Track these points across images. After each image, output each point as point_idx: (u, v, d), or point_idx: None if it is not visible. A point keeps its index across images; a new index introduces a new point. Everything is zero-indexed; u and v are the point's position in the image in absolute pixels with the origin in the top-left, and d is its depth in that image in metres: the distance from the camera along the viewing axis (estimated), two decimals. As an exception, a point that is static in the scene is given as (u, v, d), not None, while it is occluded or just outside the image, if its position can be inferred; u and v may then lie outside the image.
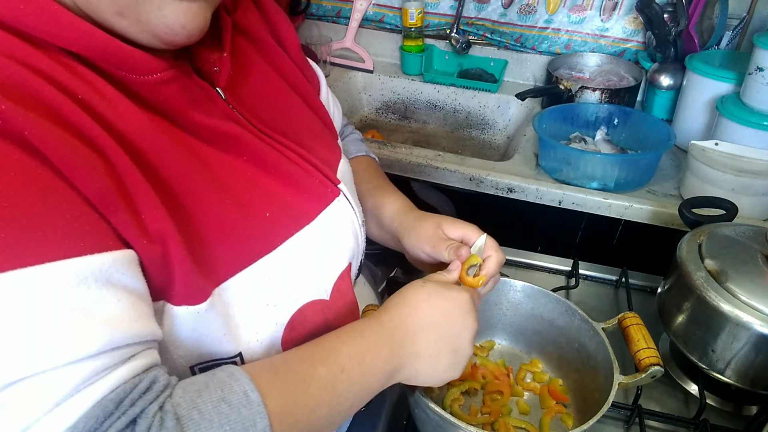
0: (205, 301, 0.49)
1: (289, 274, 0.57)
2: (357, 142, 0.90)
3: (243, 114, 0.57)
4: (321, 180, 0.63)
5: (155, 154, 0.47)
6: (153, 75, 0.48)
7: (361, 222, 0.69)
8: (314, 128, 0.68)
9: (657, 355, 0.63)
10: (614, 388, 0.60)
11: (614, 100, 1.37)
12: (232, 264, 0.52)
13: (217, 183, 0.52)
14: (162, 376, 0.44)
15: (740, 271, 0.70)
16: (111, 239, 0.43)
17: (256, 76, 0.63)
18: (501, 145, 1.58)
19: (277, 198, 0.58)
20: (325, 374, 0.50)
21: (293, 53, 0.70)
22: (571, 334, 0.71)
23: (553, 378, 0.74)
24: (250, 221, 0.54)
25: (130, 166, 0.44)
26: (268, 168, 0.58)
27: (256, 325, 0.55)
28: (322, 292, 0.61)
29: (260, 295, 0.55)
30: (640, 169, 1.16)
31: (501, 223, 1.17)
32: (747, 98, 1.11)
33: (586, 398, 0.66)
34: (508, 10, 1.55)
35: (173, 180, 0.48)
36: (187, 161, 0.50)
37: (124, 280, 0.43)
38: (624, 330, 0.66)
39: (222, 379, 0.45)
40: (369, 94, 1.71)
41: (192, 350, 0.52)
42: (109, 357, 0.41)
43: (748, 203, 1.04)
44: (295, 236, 0.58)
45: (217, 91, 0.56)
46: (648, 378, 0.62)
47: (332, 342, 0.53)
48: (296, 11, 1.64)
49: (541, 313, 0.74)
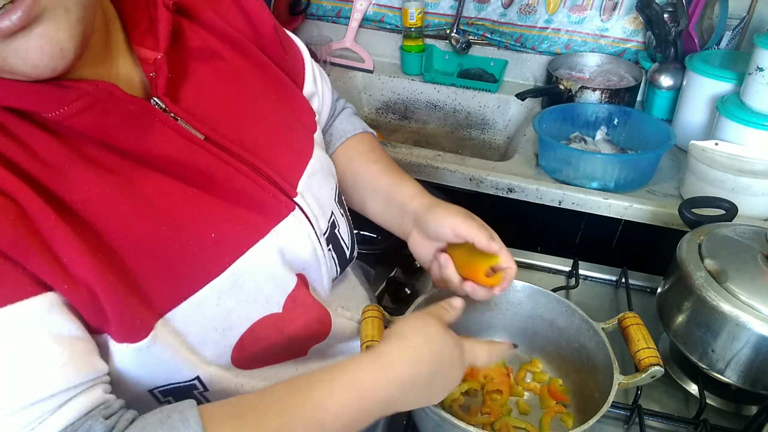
0: (146, 337, 0.48)
1: (239, 294, 0.54)
2: (352, 117, 0.84)
3: (188, 122, 0.53)
4: (274, 194, 0.58)
5: (77, 190, 0.45)
6: (61, 109, 0.44)
7: (323, 231, 0.64)
8: (279, 130, 0.63)
9: (657, 355, 0.62)
10: (614, 388, 0.60)
11: (614, 100, 1.37)
12: (174, 293, 0.50)
13: (151, 210, 0.49)
14: (98, 425, 0.42)
15: (740, 271, 0.70)
16: (29, 285, 0.41)
17: (207, 77, 0.57)
18: (501, 145, 1.58)
19: (224, 216, 0.54)
20: (302, 427, 0.46)
21: (267, 38, 0.65)
22: (571, 334, 0.71)
23: (553, 378, 0.74)
24: (191, 246, 0.50)
25: (43, 210, 0.42)
26: (214, 184, 0.53)
27: (204, 349, 0.53)
28: (274, 306, 0.59)
29: (208, 320, 0.53)
30: (640, 169, 1.16)
31: (501, 223, 1.17)
32: (747, 98, 1.11)
33: (586, 398, 0.66)
34: (508, 10, 1.55)
35: (99, 215, 0.46)
36: (115, 192, 0.47)
37: (46, 326, 0.42)
38: (624, 330, 0.66)
39: (173, 425, 0.42)
40: (369, 94, 1.71)
41: (145, 379, 0.51)
42: (33, 411, 0.40)
43: (748, 203, 1.04)
44: (245, 255, 0.54)
45: (155, 101, 0.51)
46: (648, 378, 0.62)
47: (322, 396, 0.48)
48: (296, 11, 1.64)
49: (541, 313, 0.74)
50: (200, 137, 0.53)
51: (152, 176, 0.50)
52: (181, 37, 0.56)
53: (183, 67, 0.55)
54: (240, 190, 0.55)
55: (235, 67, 0.61)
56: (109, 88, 0.46)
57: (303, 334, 0.63)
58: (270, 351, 0.61)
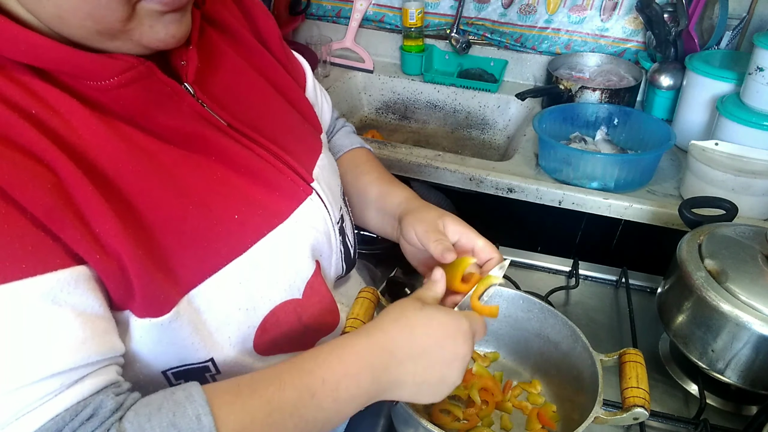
0: (169, 312, 0.48)
1: (261, 275, 0.56)
2: (351, 135, 0.88)
3: (213, 109, 0.56)
4: (293, 178, 0.61)
5: (111, 165, 0.46)
6: (110, 80, 0.47)
7: (336, 220, 0.67)
8: (291, 123, 0.67)
9: (645, 397, 0.59)
10: (587, 420, 0.58)
11: (614, 100, 1.37)
12: (199, 270, 0.51)
13: (179, 188, 0.51)
14: (109, 401, 0.43)
15: (740, 271, 0.70)
16: (58, 257, 0.42)
17: (229, 70, 0.61)
18: (501, 145, 1.58)
19: (246, 198, 0.56)
20: (293, 399, 0.47)
21: (273, 46, 0.69)
22: (572, 360, 0.69)
23: (548, 403, 0.72)
24: (216, 225, 0.53)
25: (81, 180, 0.43)
26: (237, 167, 0.56)
27: (227, 330, 0.54)
28: (295, 291, 0.60)
29: (232, 299, 0.54)
30: (640, 169, 1.16)
31: (501, 223, 1.17)
32: (747, 98, 1.11)
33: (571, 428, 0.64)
34: (508, 10, 1.55)
35: (131, 190, 0.47)
36: (146, 169, 0.49)
37: (72, 300, 0.42)
38: (621, 365, 0.64)
39: (178, 401, 0.43)
40: (369, 94, 1.71)
41: (160, 358, 0.51)
42: (51, 383, 0.41)
43: (748, 203, 1.04)
44: (266, 237, 0.57)
45: (186, 87, 0.54)
46: (630, 419, 0.59)
47: (308, 363, 0.50)
48: (296, 11, 1.64)
49: (548, 334, 0.72)
50: (224, 123, 0.56)
51: (180, 156, 0.52)
52: (206, 36, 0.60)
53: (208, 61, 0.59)
54: (261, 173, 0.58)
55: (252, 66, 0.64)
56: (151, 66, 0.49)
57: (316, 324, 0.65)
58: (287, 337, 0.62)
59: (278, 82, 0.67)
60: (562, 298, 0.93)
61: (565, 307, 0.92)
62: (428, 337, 0.53)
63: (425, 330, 0.53)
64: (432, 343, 0.53)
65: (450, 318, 0.54)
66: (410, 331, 0.53)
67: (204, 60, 0.57)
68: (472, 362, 0.75)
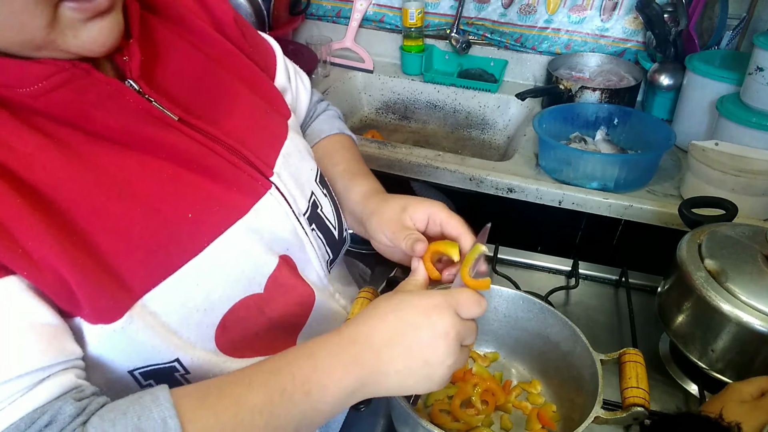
0: (121, 318, 0.48)
1: (219, 274, 0.55)
2: (332, 119, 0.84)
3: (162, 104, 0.53)
4: (250, 173, 0.59)
5: (45, 176, 0.45)
6: (37, 85, 0.45)
7: (302, 212, 0.65)
8: (251, 111, 0.64)
9: (645, 396, 0.59)
10: (588, 420, 0.58)
11: (614, 100, 1.37)
12: (150, 275, 0.50)
13: (123, 192, 0.49)
14: (69, 406, 0.42)
15: (740, 271, 0.70)
16: None
17: (179, 61, 0.58)
18: (501, 145, 1.58)
19: (200, 196, 0.54)
20: (261, 398, 0.46)
21: (229, 30, 0.66)
22: (572, 360, 0.69)
23: (548, 403, 0.72)
24: (166, 227, 0.51)
25: (7, 195, 0.43)
26: (189, 164, 0.54)
27: (187, 331, 0.54)
28: (255, 286, 0.59)
29: (189, 301, 0.53)
30: (640, 169, 1.16)
31: (501, 223, 1.17)
32: (747, 98, 1.11)
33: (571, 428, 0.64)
34: (508, 10, 1.55)
35: (67, 198, 0.46)
36: (84, 175, 0.47)
37: (9, 307, 0.42)
38: (621, 365, 0.64)
39: (144, 405, 0.43)
40: (369, 94, 1.71)
41: (123, 360, 0.51)
42: (1, 391, 0.40)
43: (748, 203, 1.04)
44: (224, 234, 0.55)
45: (130, 83, 0.52)
46: (629, 419, 0.59)
47: (278, 361, 0.48)
48: (296, 11, 1.64)
49: (548, 334, 0.71)
50: (174, 119, 0.54)
51: (125, 158, 0.51)
52: (150, 27, 0.57)
53: (154, 53, 0.56)
54: (216, 169, 0.56)
55: (206, 55, 0.62)
56: (86, 67, 0.47)
57: (284, 315, 0.63)
58: (253, 333, 0.61)
59: (237, 68, 0.65)
60: (562, 298, 0.93)
61: (565, 307, 0.92)
62: (400, 320, 0.49)
63: (396, 314, 0.50)
64: (404, 325, 0.49)
65: (423, 297, 0.51)
66: (380, 318, 0.50)
67: (149, 53, 0.55)
68: (472, 362, 0.75)
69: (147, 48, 0.55)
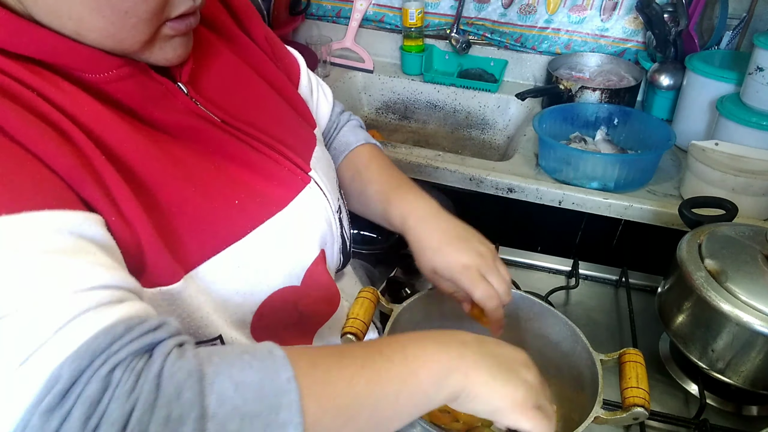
0: (178, 282, 0.49)
1: (259, 261, 0.57)
2: (357, 130, 0.86)
3: (206, 107, 0.57)
4: (290, 168, 0.62)
5: (118, 143, 0.47)
6: (107, 72, 0.48)
7: (336, 209, 0.69)
8: (285, 118, 0.68)
9: (645, 396, 0.59)
10: (588, 420, 0.58)
11: (614, 100, 1.37)
12: (200, 250, 0.52)
13: (181, 173, 0.52)
14: (173, 321, 0.41)
15: (740, 271, 0.70)
16: (79, 204, 0.42)
17: (222, 68, 0.62)
18: (501, 145, 1.58)
19: (245, 186, 0.57)
20: (361, 352, 0.45)
21: (261, 42, 0.70)
22: (572, 360, 0.69)
23: None
24: (216, 209, 0.54)
25: (94, 150, 0.44)
26: (234, 159, 0.58)
27: (225, 312, 0.55)
28: (294, 279, 0.61)
29: (230, 282, 0.55)
30: (640, 169, 1.16)
31: (501, 223, 1.17)
32: (747, 98, 1.11)
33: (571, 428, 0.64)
34: (508, 10, 1.55)
35: (137, 167, 0.48)
36: (149, 151, 0.50)
37: (97, 237, 0.42)
38: (621, 365, 0.64)
39: (255, 355, 0.41)
40: (369, 94, 1.71)
41: None
42: (103, 294, 0.39)
43: (748, 203, 1.04)
44: (265, 224, 0.57)
45: (179, 86, 0.55)
46: (629, 419, 0.59)
47: (363, 342, 0.50)
48: (296, 11, 1.64)
49: (548, 334, 0.71)
50: (218, 120, 0.58)
51: (182, 148, 0.54)
52: (199, 34, 0.61)
53: (201, 60, 0.60)
54: (258, 164, 0.60)
55: (245, 62, 0.66)
56: (143, 65, 0.52)
57: (312, 312, 0.65)
58: (283, 326, 0.63)
59: (271, 78, 0.69)
60: (562, 298, 0.94)
61: (565, 307, 0.92)
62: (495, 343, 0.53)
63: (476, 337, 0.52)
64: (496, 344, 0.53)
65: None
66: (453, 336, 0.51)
67: (197, 60, 0.59)
68: None
69: (197, 55, 0.59)
